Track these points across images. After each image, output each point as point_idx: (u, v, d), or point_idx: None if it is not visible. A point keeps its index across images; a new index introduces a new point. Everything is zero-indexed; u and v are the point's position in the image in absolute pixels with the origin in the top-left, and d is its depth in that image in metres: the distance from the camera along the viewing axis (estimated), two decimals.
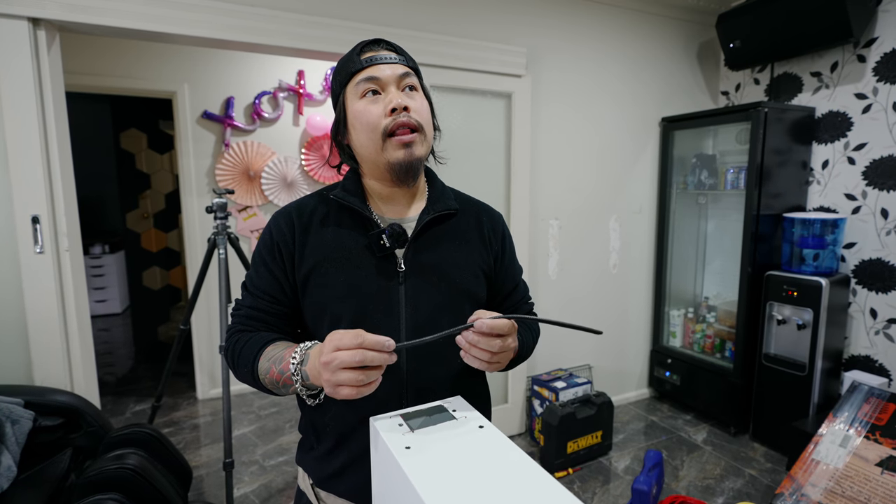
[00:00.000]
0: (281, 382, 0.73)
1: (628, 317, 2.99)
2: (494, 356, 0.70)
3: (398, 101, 0.76)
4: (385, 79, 0.78)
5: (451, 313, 0.83)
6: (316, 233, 0.81)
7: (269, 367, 0.74)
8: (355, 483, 0.81)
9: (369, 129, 0.78)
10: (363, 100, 0.78)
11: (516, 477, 0.53)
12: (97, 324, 4.72)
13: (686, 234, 3.03)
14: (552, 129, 2.60)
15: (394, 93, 0.78)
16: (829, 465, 1.88)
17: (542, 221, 2.64)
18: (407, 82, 0.80)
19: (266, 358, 0.76)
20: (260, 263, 0.82)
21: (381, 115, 0.77)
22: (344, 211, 0.83)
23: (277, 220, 0.83)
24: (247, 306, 0.83)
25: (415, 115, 0.78)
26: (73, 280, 1.71)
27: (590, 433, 2.38)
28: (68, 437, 1.58)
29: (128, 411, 2.96)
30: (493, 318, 0.68)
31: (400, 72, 0.79)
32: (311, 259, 0.80)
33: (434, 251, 0.84)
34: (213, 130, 3.04)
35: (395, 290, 0.80)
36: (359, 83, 0.78)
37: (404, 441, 0.59)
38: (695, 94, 3.02)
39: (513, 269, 0.96)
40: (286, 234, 0.81)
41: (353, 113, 0.79)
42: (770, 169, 2.44)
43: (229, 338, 0.83)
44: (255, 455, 2.48)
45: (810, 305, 2.28)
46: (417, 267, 0.82)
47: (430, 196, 0.87)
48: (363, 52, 0.80)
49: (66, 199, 1.70)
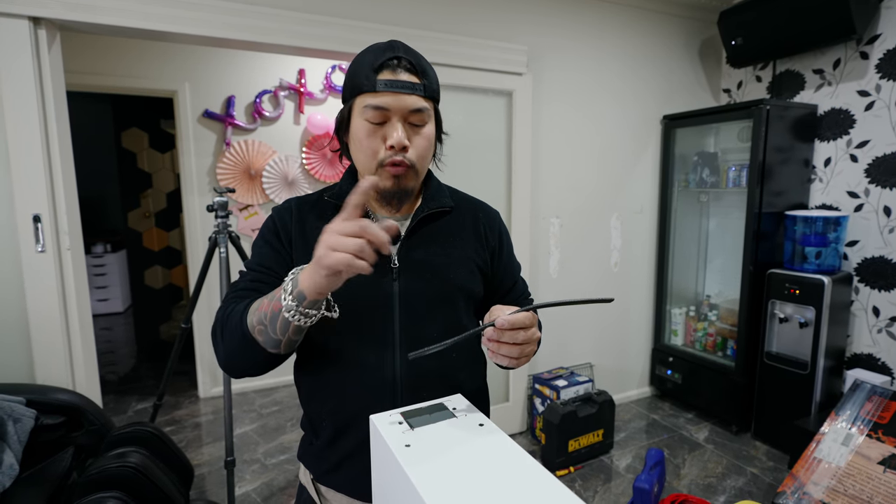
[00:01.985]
0: (270, 313, 0.66)
1: (630, 315, 2.99)
2: (523, 349, 0.69)
3: (398, 141, 0.75)
4: (394, 110, 0.75)
5: (445, 309, 0.83)
6: (312, 229, 0.82)
7: (259, 305, 0.69)
8: (353, 477, 0.81)
9: (365, 154, 0.78)
10: (366, 123, 0.76)
11: (517, 475, 0.53)
12: (99, 323, 4.73)
13: (687, 233, 3.02)
14: (553, 127, 2.60)
15: (397, 129, 0.75)
16: (832, 463, 1.88)
17: (542, 220, 2.63)
18: (415, 119, 0.77)
19: (255, 308, 0.70)
20: (263, 245, 0.83)
21: (379, 146, 0.76)
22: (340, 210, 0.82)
23: (279, 210, 0.85)
24: (247, 279, 0.80)
25: (412, 153, 0.77)
26: (74, 279, 1.71)
27: (591, 431, 2.37)
28: (70, 436, 1.58)
29: (130, 410, 2.97)
30: (511, 313, 0.67)
31: (412, 107, 0.75)
32: (306, 254, 0.79)
33: (428, 248, 0.84)
34: (215, 129, 3.04)
35: (388, 286, 0.80)
36: (366, 107, 0.75)
37: (404, 439, 0.59)
38: (696, 91, 3.01)
39: (511, 266, 0.96)
40: (288, 222, 0.83)
41: (355, 130, 0.78)
42: (772, 167, 2.44)
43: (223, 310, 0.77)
44: (257, 453, 2.48)
45: (812, 303, 2.28)
46: (411, 263, 0.82)
47: (426, 194, 0.87)
48: (381, 70, 0.75)
49: (68, 197, 1.70)
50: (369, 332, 0.79)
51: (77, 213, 1.77)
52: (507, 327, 0.66)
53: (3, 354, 1.67)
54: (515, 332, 0.67)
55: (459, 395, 0.72)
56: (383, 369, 0.79)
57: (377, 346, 0.79)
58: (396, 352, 0.80)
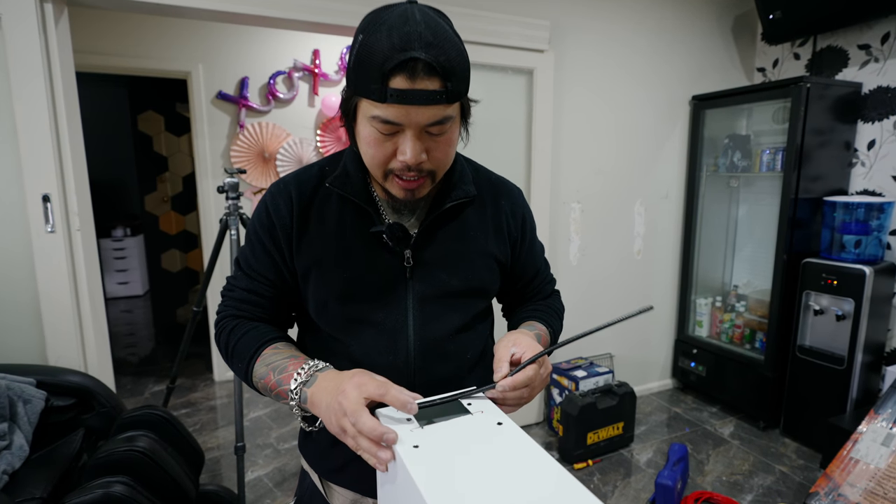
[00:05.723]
0: (275, 393, 0.68)
1: (653, 304, 2.87)
2: (532, 395, 0.68)
3: (413, 158, 0.63)
4: (408, 125, 0.62)
5: (461, 311, 0.77)
6: (316, 223, 0.73)
7: (267, 374, 0.69)
8: (359, 476, 0.75)
9: (373, 162, 0.67)
10: (374, 131, 0.64)
11: (538, 483, 0.46)
12: (119, 305, 4.79)
13: (716, 220, 2.88)
14: (575, 107, 2.48)
15: (410, 145, 0.63)
16: (870, 464, 1.77)
17: (563, 205, 2.53)
18: (435, 130, 0.64)
19: (265, 362, 0.70)
20: (256, 243, 0.75)
21: (390, 157, 0.65)
22: (346, 199, 0.74)
23: (276, 200, 0.74)
24: (241, 288, 0.76)
25: (430, 164, 0.66)
26: (84, 260, 1.68)
27: (611, 424, 2.29)
28: (81, 418, 1.57)
29: (146, 391, 2.99)
30: (512, 372, 0.65)
31: (431, 121, 0.62)
32: (310, 253, 0.73)
33: (445, 244, 0.76)
34: (228, 111, 3.00)
35: (401, 286, 0.73)
36: (374, 118, 0.62)
37: (412, 438, 0.52)
38: (728, 71, 2.85)
39: (532, 255, 0.90)
40: (285, 217, 0.73)
41: (361, 132, 0.66)
42: (810, 150, 2.28)
43: (221, 321, 0.77)
44: (270, 438, 2.47)
45: (851, 295, 2.14)
46: (426, 261, 0.74)
47: (447, 182, 0.76)
48: (393, 75, 0.58)
49: (77, 177, 1.67)
50: (381, 335, 0.73)
51: (87, 194, 1.74)
52: (508, 390, 0.64)
53: (14, 335, 1.66)
54: (520, 392, 0.65)
55: (476, 389, 0.65)
56: (395, 372, 0.73)
57: (389, 348, 0.73)
58: (411, 355, 0.74)
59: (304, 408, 0.65)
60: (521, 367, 0.64)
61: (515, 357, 0.68)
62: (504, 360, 0.67)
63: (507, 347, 0.69)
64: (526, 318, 0.86)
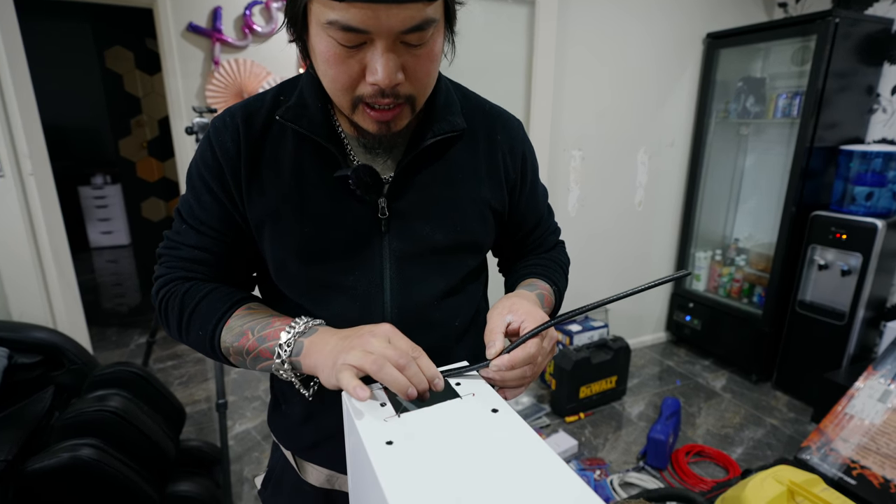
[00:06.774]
0: (253, 355, 0.56)
1: (650, 258, 2.79)
2: (535, 375, 0.57)
3: (386, 79, 0.49)
4: (377, 32, 0.47)
5: (446, 268, 0.64)
6: (268, 167, 0.59)
7: (242, 335, 0.57)
8: (332, 454, 0.67)
9: (334, 85, 0.52)
10: (332, 43, 0.49)
11: (538, 491, 0.37)
12: (105, 255, 4.66)
13: (721, 170, 2.75)
14: (579, 43, 2.27)
15: (383, 62, 0.48)
16: (865, 420, 1.75)
17: (563, 152, 2.38)
18: (413, 39, 0.49)
19: (236, 324, 0.58)
20: (202, 189, 0.60)
21: (357, 79, 0.51)
22: (304, 136, 0.59)
23: (221, 135, 0.59)
24: (189, 245, 0.62)
25: (408, 87, 0.52)
26: (41, 207, 1.54)
27: (604, 378, 2.27)
28: (50, 375, 1.49)
29: (132, 343, 2.93)
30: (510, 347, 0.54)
31: (409, 25, 0.47)
32: (263, 203, 0.59)
33: (427, 190, 0.62)
34: (202, 46, 2.73)
35: (375, 243, 0.60)
36: (330, 22, 0.46)
37: (385, 432, 0.42)
38: (746, 6, 2.62)
39: (534, 200, 0.75)
40: (232, 154, 0.59)
41: (317, 47, 0.51)
42: (830, 94, 2.12)
43: (166, 285, 0.63)
44: (258, 391, 2.43)
45: (860, 249, 2.06)
46: (404, 212, 0.61)
47: (429, 112, 0.61)
48: None
49: (25, 117, 1.50)
50: (352, 302, 0.61)
51: (40, 136, 1.57)
52: (506, 369, 0.53)
53: None
54: (520, 370, 0.54)
55: (468, 364, 0.55)
56: None
57: (362, 317, 0.60)
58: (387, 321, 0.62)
59: (293, 362, 0.54)
60: (519, 341, 0.53)
61: (512, 327, 0.57)
62: (497, 331, 0.56)
63: (501, 315, 0.58)
64: (526, 275, 0.74)
